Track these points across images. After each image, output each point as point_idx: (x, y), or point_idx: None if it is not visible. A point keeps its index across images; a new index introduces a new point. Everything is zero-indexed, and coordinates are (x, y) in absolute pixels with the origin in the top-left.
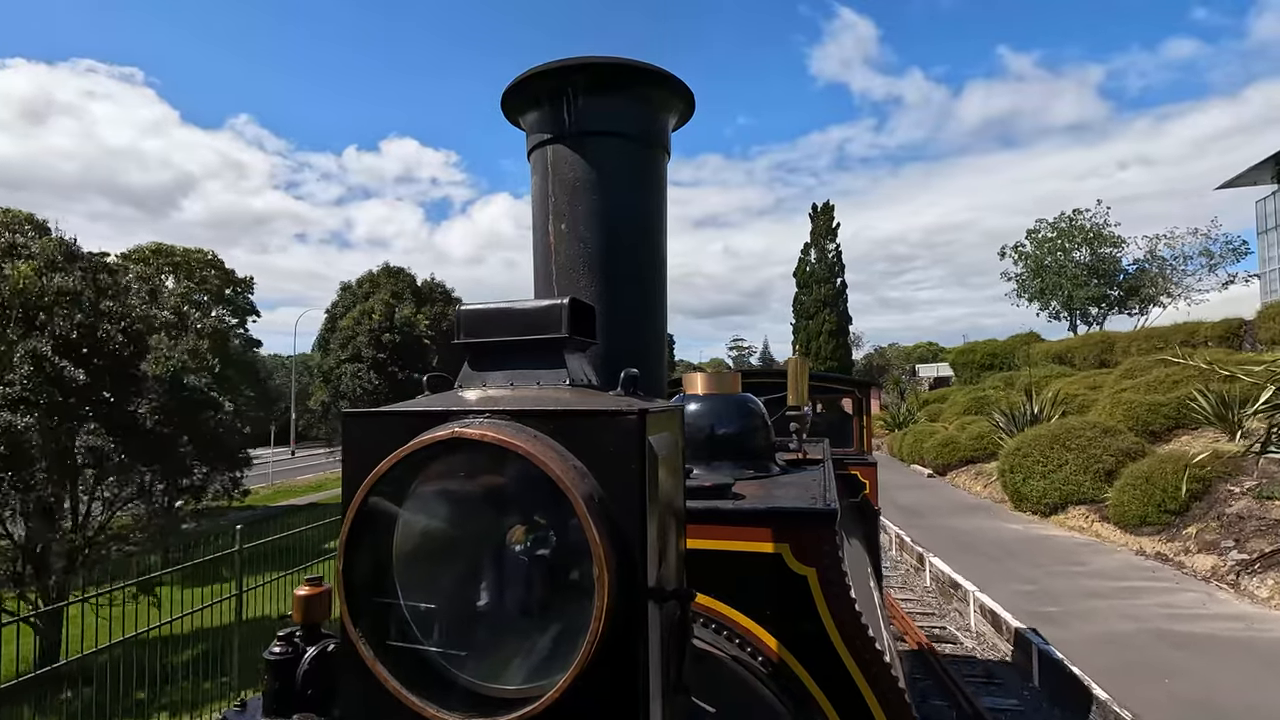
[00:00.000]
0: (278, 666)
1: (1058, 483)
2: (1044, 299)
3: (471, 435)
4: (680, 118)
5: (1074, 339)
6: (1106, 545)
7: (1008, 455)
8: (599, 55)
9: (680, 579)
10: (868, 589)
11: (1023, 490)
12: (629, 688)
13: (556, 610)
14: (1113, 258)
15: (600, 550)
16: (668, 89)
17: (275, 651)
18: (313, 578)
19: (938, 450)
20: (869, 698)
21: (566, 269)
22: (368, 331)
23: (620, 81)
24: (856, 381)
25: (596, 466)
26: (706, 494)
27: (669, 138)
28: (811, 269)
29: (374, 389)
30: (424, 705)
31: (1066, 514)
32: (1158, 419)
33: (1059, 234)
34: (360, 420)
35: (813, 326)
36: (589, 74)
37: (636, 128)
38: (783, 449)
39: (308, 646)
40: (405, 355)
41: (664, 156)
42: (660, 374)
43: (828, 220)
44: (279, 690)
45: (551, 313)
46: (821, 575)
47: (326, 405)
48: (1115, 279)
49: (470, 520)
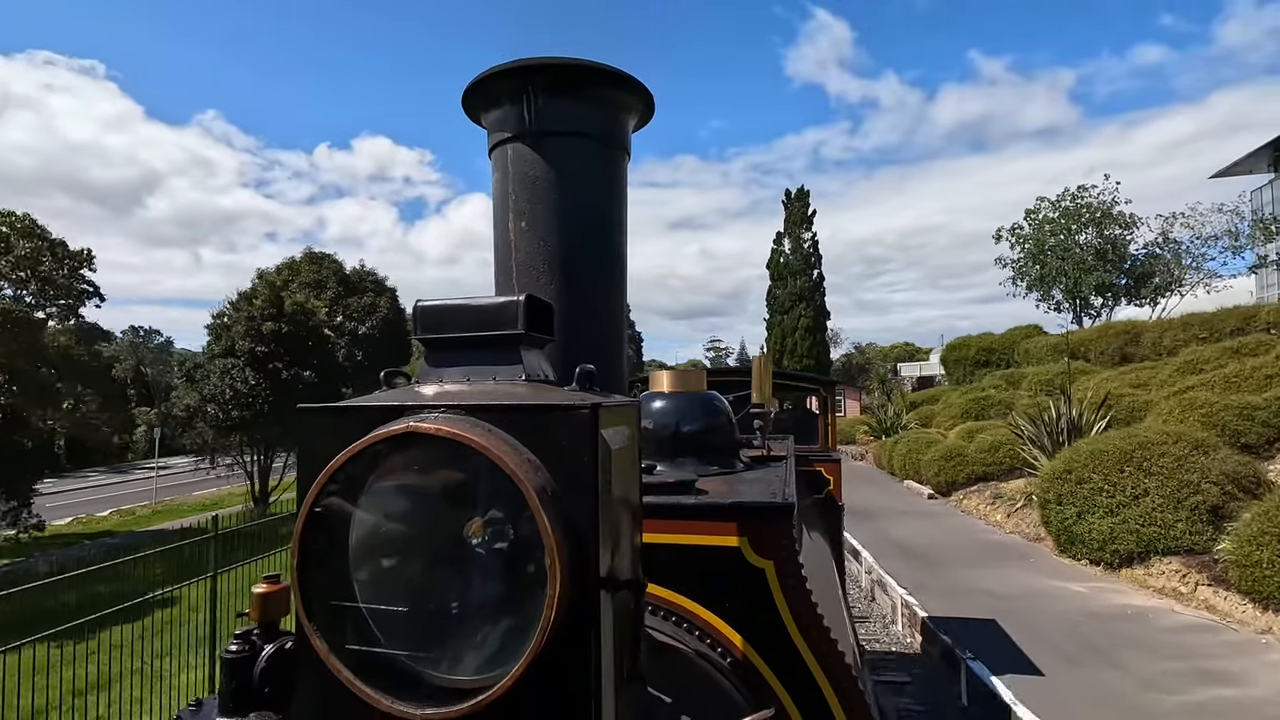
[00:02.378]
0: (234, 665)
1: (1134, 522)
2: (1044, 287)
3: (426, 430)
4: (640, 119)
5: (1087, 330)
6: (1234, 629)
7: (1051, 479)
8: (559, 56)
9: (635, 570)
10: (829, 583)
11: (1076, 530)
12: (582, 675)
13: (512, 601)
14: (1122, 240)
15: (552, 540)
16: (627, 90)
17: (232, 650)
18: (270, 575)
19: (940, 464)
20: (825, 687)
21: (526, 266)
22: (245, 320)
23: (580, 82)
24: (821, 380)
25: (550, 459)
26: (669, 489)
27: (629, 138)
28: (786, 260)
29: (250, 389)
30: (379, 697)
31: (1149, 568)
32: (1253, 427)
33: (1062, 214)
34: (315, 416)
35: (787, 322)
36: (549, 74)
37: (596, 128)
38: (747, 446)
39: (265, 644)
40: (296, 349)
41: (624, 157)
42: (620, 370)
43: (802, 207)
44: (236, 689)
45: (508, 309)
46: (779, 568)
47: (191, 410)
48: (1123, 265)
49: (427, 514)
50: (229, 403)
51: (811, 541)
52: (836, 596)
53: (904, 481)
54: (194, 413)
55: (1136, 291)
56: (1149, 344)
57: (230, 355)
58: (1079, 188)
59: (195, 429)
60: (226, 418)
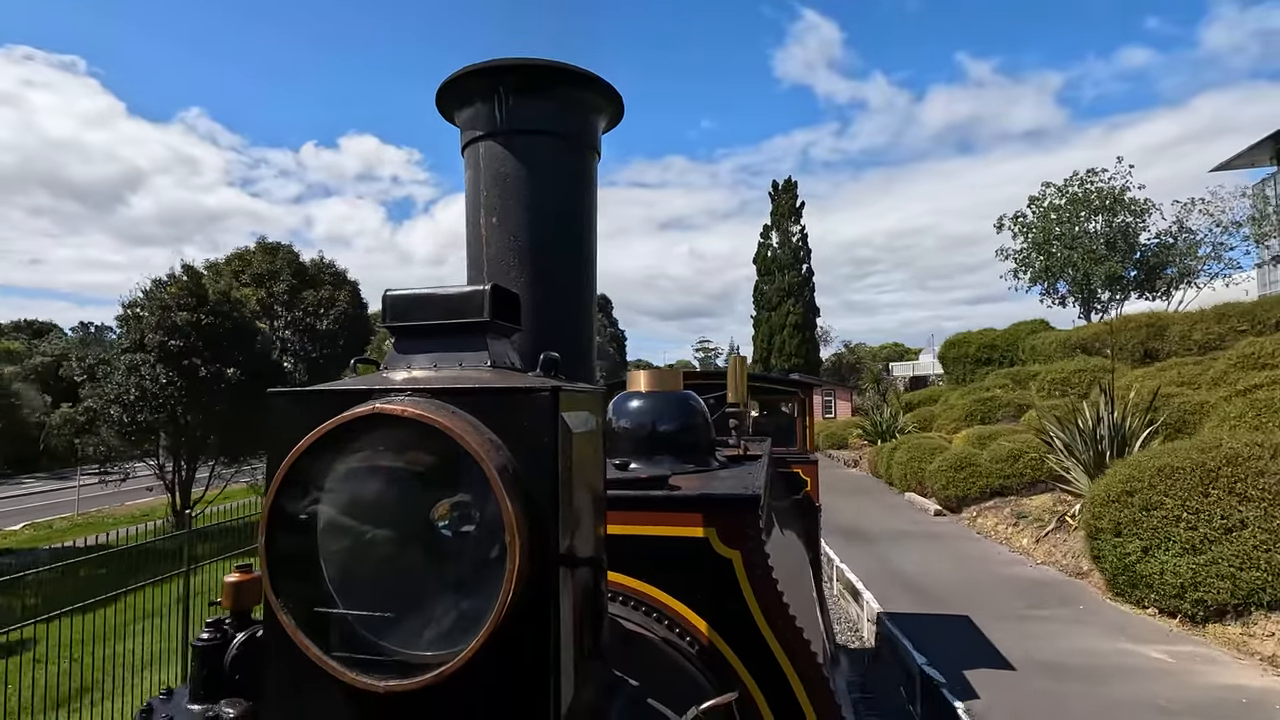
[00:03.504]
0: (206, 652)
1: (1227, 563)
2: (1048, 280)
3: (391, 411)
4: (609, 119)
5: (1102, 325)
6: None
7: (1103, 503)
8: (530, 57)
9: (596, 549)
10: (800, 577)
11: (1142, 570)
12: (541, 649)
13: (474, 578)
14: (1133, 228)
15: (512, 517)
16: (596, 91)
17: (204, 638)
18: (243, 564)
19: (948, 476)
20: (790, 675)
21: (497, 261)
22: (158, 309)
23: (550, 82)
24: (799, 382)
25: (511, 440)
26: (643, 485)
27: (598, 138)
28: (773, 254)
29: (162, 388)
30: (343, 670)
31: (1249, 625)
32: None
33: (1070, 200)
34: (285, 399)
35: (775, 319)
36: (520, 75)
37: (566, 127)
38: (723, 446)
39: (237, 633)
40: (219, 343)
41: (593, 155)
42: (588, 360)
43: (790, 199)
44: (207, 676)
45: (474, 298)
46: (746, 558)
47: (94, 412)
48: (1135, 255)
49: (394, 494)
50: (135, 404)
51: (785, 539)
52: (807, 590)
53: (905, 494)
54: (95, 416)
55: (1150, 284)
56: (1176, 338)
57: (140, 350)
58: (1088, 171)
59: (97, 434)
60: (133, 421)
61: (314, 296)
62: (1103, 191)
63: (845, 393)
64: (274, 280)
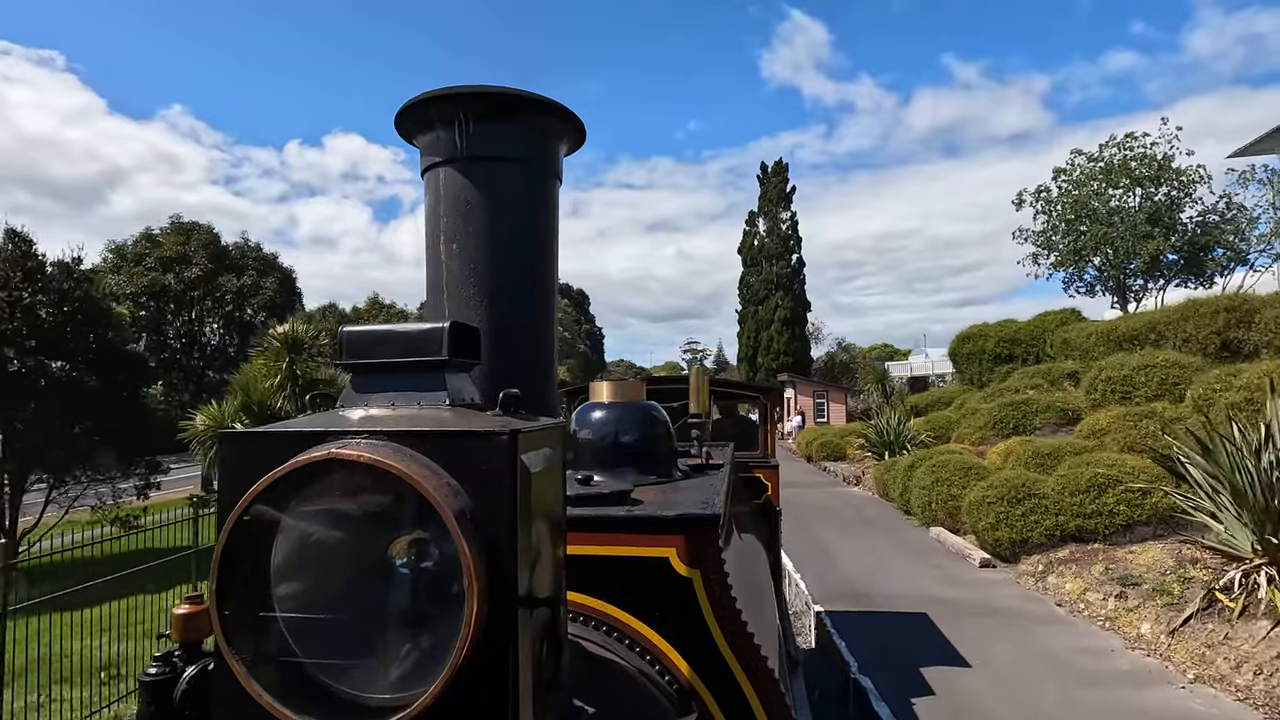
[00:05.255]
0: (154, 688)
1: None
2: (1077, 263)
3: (348, 456)
4: (570, 145)
5: (1159, 312)
6: None
7: None
8: (491, 85)
9: (557, 585)
10: (759, 589)
11: None
12: (500, 691)
13: (433, 620)
14: (1178, 203)
15: (470, 561)
16: (557, 118)
17: (151, 672)
18: (193, 595)
19: (999, 511)
20: (749, 694)
21: (457, 288)
22: None
23: (510, 109)
24: (762, 388)
25: (470, 483)
26: (605, 500)
27: (560, 163)
28: (761, 243)
29: None
30: (296, 718)
31: None
32: None
33: (1104, 169)
34: (236, 441)
35: (762, 313)
36: (480, 101)
37: (527, 154)
38: (686, 455)
39: (187, 666)
40: (63, 330)
41: (555, 182)
42: (549, 391)
43: (780, 183)
44: (155, 713)
45: (433, 336)
46: (705, 577)
47: None
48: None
49: (350, 537)
50: None
51: (746, 546)
52: (767, 602)
53: (930, 529)
54: None
55: (1196, 268)
56: (1270, 324)
57: None
58: (1127, 135)
59: None
60: None
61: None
62: (1145, 158)
63: (839, 394)
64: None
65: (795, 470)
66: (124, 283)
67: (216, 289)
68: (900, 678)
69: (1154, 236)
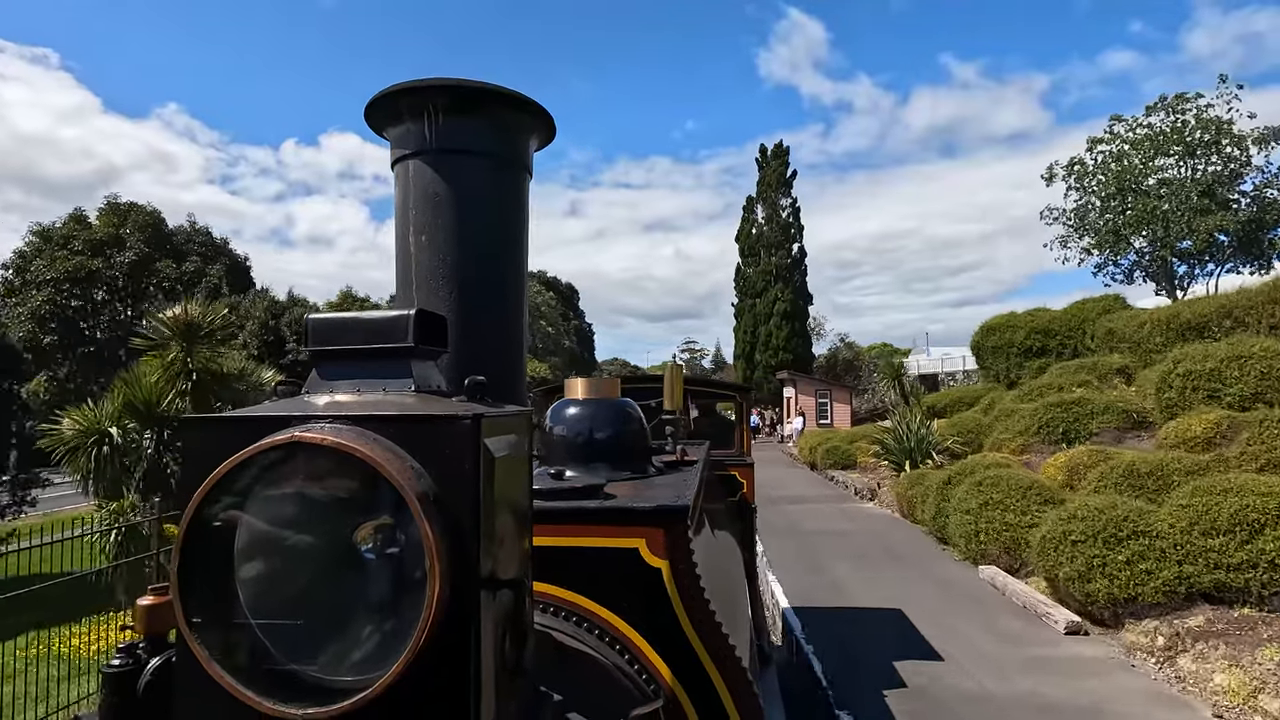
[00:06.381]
0: (117, 679)
1: None
2: (1117, 243)
3: (310, 440)
4: (541, 140)
5: (1240, 293)
6: None
7: None
8: (461, 78)
9: (521, 569)
10: (731, 583)
11: None
12: (462, 672)
13: (397, 602)
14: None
15: (432, 543)
16: (527, 112)
17: (114, 664)
18: (158, 586)
19: (1090, 555)
20: (718, 683)
21: (426, 280)
22: None
23: (480, 103)
24: (738, 387)
25: (433, 467)
26: (577, 494)
27: (530, 158)
28: (759, 231)
29: None
30: (260, 700)
31: None
32: None
33: (1152, 139)
34: (199, 426)
35: (760, 307)
36: (450, 94)
37: (496, 147)
38: (661, 452)
39: (151, 658)
40: None
41: (525, 176)
42: (518, 381)
43: (781, 167)
44: (118, 704)
45: (398, 323)
46: (674, 568)
47: None
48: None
49: (314, 521)
50: None
51: (719, 540)
52: (739, 593)
53: (978, 567)
54: None
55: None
56: None
57: None
58: (1177, 97)
59: None
60: None
61: (173, 269)
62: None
63: (843, 393)
64: (119, 248)
65: (798, 480)
66: (44, 268)
67: (154, 275)
68: None
69: (1211, 211)
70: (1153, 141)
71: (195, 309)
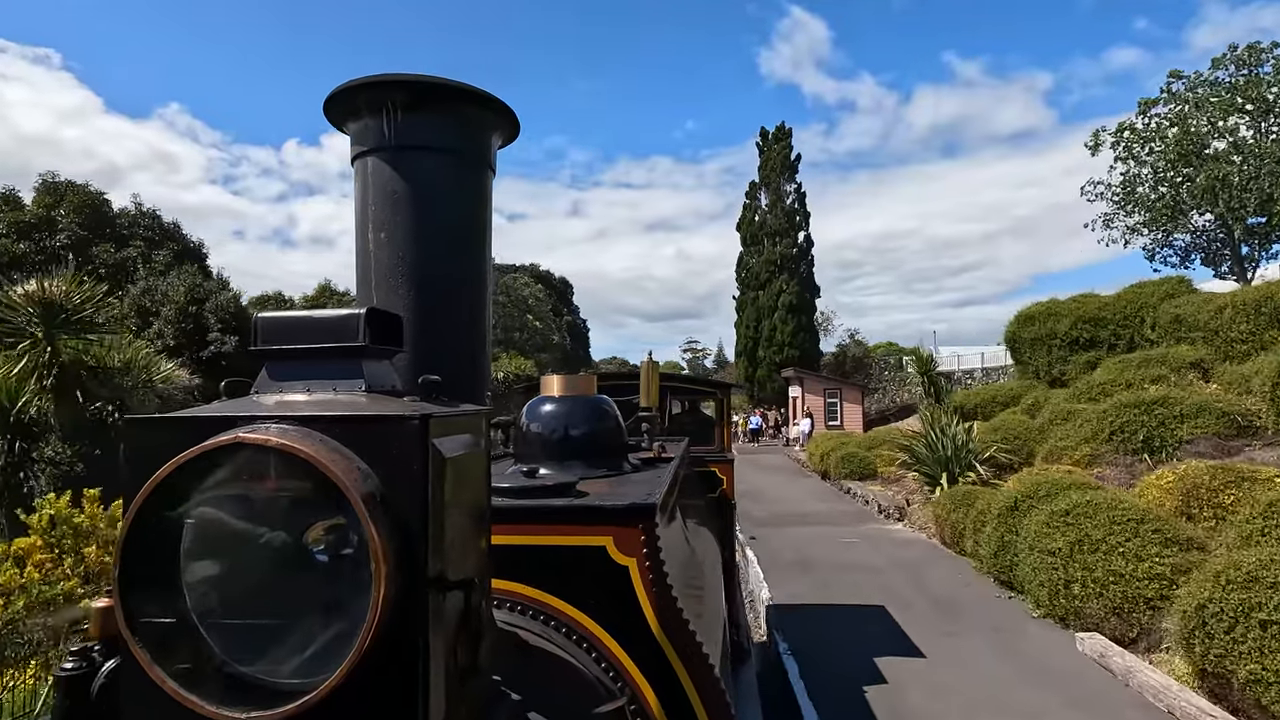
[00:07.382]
0: (70, 683)
1: None
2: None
3: (254, 440)
4: (504, 137)
5: None
6: None
7: None
8: (421, 74)
9: (477, 571)
10: (705, 580)
11: None
12: (410, 674)
13: (344, 604)
14: None
15: (378, 545)
16: (490, 109)
17: (67, 667)
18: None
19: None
20: (685, 682)
21: (385, 277)
22: None
23: (439, 99)
24: (717, 384)
25: (380, 467)
26: (549, 492)
27: (492, 155)
28: (761, 218)
29: None
30: (203, 704)
31: None
32: None
33: (1220, 97)
34: (142, 426)
35: (764, 299)
36: (409, 90)
37: (456, 144)
38: (637, 449)
39: (106, 661)
40: None
41: (487, 173)
42: (480, 379)
43: (784, 150)
44: (70, 708)
45: (349, 322)
46: (641, 565)
47: None
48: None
49: (259, 522)
50: None
51: (693, 536)
52: (714, 590)
53: (1075, 635)
54: None
55: None
56: None
57: None
58: (1249, 48)
59: None
60: None
61: (114, 255)
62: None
63: (854, 393)
64: (50, 231)
65: (807, 492)
66: None
67: (89, 260)
68: None
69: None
70: (1221, 101)
71: (58, 285)
